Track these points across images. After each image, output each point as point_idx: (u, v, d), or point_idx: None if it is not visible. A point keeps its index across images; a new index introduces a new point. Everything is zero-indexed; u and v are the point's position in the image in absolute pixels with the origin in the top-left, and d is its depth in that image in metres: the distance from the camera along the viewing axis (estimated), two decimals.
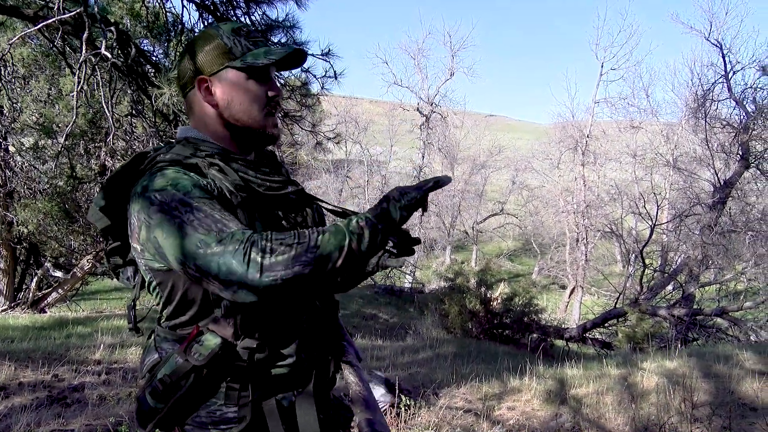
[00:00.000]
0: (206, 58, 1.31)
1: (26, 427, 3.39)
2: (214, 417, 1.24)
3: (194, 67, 1.33)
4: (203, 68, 1.32)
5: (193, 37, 1.38)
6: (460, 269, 13.28)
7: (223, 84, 1.31)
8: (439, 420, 4.20)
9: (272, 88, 1.35)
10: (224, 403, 1.24)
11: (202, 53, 1.32)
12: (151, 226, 1.16)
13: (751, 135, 12.77)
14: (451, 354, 8.15)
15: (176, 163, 1.24)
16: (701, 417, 4.28)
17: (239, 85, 1.31)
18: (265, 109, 1.34)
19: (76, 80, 3.98)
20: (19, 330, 7.51)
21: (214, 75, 1.31)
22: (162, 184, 1.18)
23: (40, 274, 10.82)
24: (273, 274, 1.07)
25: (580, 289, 21.96)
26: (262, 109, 1.34)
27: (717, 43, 14.33)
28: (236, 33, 1.32)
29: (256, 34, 1.36)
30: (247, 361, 1.24)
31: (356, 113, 30.51)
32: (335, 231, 1.14)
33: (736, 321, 11.27)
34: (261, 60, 1.30)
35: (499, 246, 33.22)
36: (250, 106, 1.32)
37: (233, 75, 1.31)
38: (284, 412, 1.29)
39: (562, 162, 26.91)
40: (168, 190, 1.16)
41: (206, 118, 1.35)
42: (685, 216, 14.89)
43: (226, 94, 1.31)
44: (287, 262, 1.07)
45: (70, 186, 9.16)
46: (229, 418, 1.24)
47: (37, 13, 3.94)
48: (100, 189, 1.31)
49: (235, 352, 1.22)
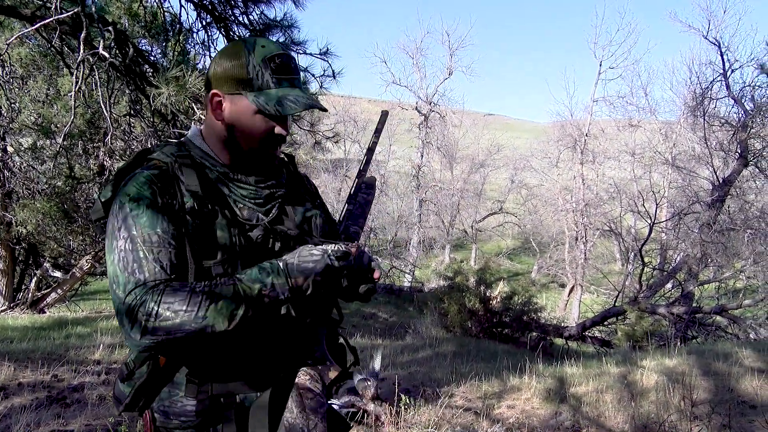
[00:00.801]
0: (225, 76, 1.32)
1: (26, 428, 3.38)
2: (176, 408, 1.30)
3: (214, 80, 1.34)
4: (219, 84, 1.33)
5: (228, 46, 1.38)
6: (460, 268, 13.27)
7: (232, 105, 1.32)
8: (439, 418, 4.20)
9: (282, 127, 1.35)
10: (185, 395, 1.29)
11: (223, 69, 1.32)
12: (106, 236, 1.26)
13: (749, 133, 12.76)
14: (450, 353, 8.15)
15: (150, 161, 1.33)
16: (701, 415, 4.28)
17: (246, 115, 1.32)
18: (265, 144, 1.35)
19: (74, 80, 3.97)
20: (19, 330, 7.51)
21: (228, 94, 1.32)
22: (123, 196, 1.25)
23: (39, 274, 10.81)
24: (154, 338, 1.14)
25: (580, 288, 21.97)
26: (262, 143, 1.35)
27: (715, 42, 14.32)
28: (265, 64, 1.30)
29: (288, 66, 1.33)
30: (204, 359, 1.28)
31: (355, 112, 30.48)
32: (232, 297, 1.17)
33: (735, 319, 11.27)
34: (271, 107, 1.29)
35: (498, 245, 33.22)
36: (251, 136, 1.33)
37: (244, 103, 1.31)
38: (243, 412, 1.31)
39: (560, 161, 26.91)
40: (124, 205, 1.24)
41: (213, 127, 1.38)
42: (684, 214, 14.89)
43: (233, 115, 1.33)
44: (170, 329, 1.13)
45: (68, 186, 9.16)
46: (188, 410, 1.29)
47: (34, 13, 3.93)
48: (107, 182, 1.35)
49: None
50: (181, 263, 1.24)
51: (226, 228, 1.29)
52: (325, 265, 1.23)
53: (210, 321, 1.14)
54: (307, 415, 1.30)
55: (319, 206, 1.56)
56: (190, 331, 1.14)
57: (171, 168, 1.30)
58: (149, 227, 1.22)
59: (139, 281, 1.18)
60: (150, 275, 1.18)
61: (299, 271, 1.22)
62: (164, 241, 1.22)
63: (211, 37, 5.06)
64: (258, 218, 1.35)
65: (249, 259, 1.29)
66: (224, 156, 1.38)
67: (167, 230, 1.23)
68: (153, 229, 1.22)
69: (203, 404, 1.28)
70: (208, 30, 5.03)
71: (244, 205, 1.35)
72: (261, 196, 1.37)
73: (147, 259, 1.19)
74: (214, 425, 1.30)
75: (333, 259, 1.24)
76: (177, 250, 1.23)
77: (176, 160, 1.32)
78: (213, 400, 1.29)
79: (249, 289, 1.18)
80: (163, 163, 1.31)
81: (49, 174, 9.36)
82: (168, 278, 1.20)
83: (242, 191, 1.35)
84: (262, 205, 1.37)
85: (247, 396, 1.32)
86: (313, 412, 1.30)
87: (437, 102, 26.92)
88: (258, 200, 1.36)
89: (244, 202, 1.35)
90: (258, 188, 1.37)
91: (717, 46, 14.10)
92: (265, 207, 1.37)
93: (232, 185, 1.35)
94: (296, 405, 1.30)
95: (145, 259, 1.19)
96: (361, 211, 1.58)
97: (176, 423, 1.30)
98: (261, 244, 1.34)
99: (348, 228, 1.53)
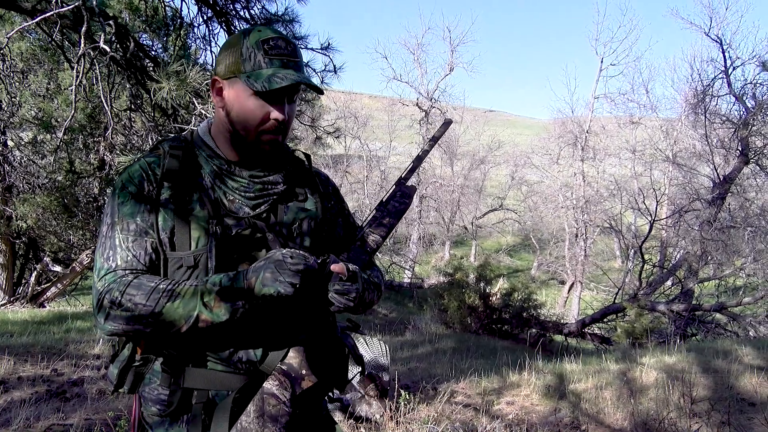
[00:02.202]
0: (224, 63, 1.35)
1: (25, 422, 3.39)
2: (153, 395, 1.32)
3: (215, 67, 1.39)
4: (220, 71, 1.36)
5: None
6: (459, 264, 13.28)
7: (230, 91, 1.35)
8: (438, 415, 4.20)
9: (278, 110, 1.33)
10: (160, 384, 1.31)
11: (223, 56, 1.36)
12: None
13: (750, 131, 12.73)
14: (450, 349, 8.16)
15: (152, 154, 1.39)
16: (700, 412, 4.28)
17: (241, 98, 1.33)
18: (261, 128, 1.34)
19: (75, 74, 3.96)
20: (18, 324, 7.51)
21: (227, 80, 1.35)
22: (117, 183, 1.33)
23: (39, 268, 10.80)
24: (115, 325, 1.21)
25: (579, 285, 21.98)
26: (257, 127, 1.33)
27: (717, 39, 14.28)
28: (258, 45, 1.31)
29: (281, 47, 1.33)
30: (175, 350, 1.30)
31: (355, 108, 30.43)
32: (191, 296, 1.20)
33: (735, 316, 11.28)
34: (258, 85, 1.29)
35: (498, 241, 33.22)
36: (245, 120, 1.33)
37: (240, 86, 1.33)
38: (212, 409, 1.31)
39: (561, 157, 26.90)
40: (114, 193, 1.32)
41: (218, 116, 1.41)
42: (685, 211, 14.89)
43: (230, 101, 1.35)
44: (128, 319, 1.20)
45: (69, 180, 9.15)
46: (162, 399, 1.31)
47: (35, 7, 3.91)
48: None
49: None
50: (156, 254, 1.29)
51: (204, 220, 1.31)
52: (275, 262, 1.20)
53: (167, 316, 1.19)
54: (264, 422, 1.25)
55: (335, 208, 1.55)
56: (145, 324, 1.20)
57: (162, 157, 1.35)
58: (129, 216, 1.28)
59: (110, 268, 1.25)
60: (121, 263, 1.26)
61: (253, 271, 1.21)
62: (141, 231, 1.28)
63: (212, 31, 5.05)
64: (243, 212, 1.36)
65: (226, 252, 1.30)
66: (229, 151, 1.39)
67: (146, 219, 1.28)
68: (132, 217, 1.28)
69: (174, 395, 1.30)
70: (209, 25, 5.02)
71: (234, 198, 1.36)
72: (251, 190, 1.37)
73: (121, 246, 1.27)
74: (183, 417, 1.32)
75: (286, 256, 1.21)
76: (154, 240, 1.28)
77: (169, 150, 1.36)
78: (185, 393, 1.31)
79: (208, 293, 1.20)
80: (161, 152, 1.37)
81: (49, 168, 9.34)
82: (141, 268, 1.26)
83: (233, 183, 1.36)
84: (251, 199, 1.37)
85: (218, 393, 1.32)
86: (271, 419, 1.25)
87: (438, 98, 26.90)
88: (248, 194, 1.37)
89: (234, 195, 1.36)
90: (251, 182, 1.38)
91: (719, 44, 14.07)
92: (254, 201, 1.37)
93: (226, 178, 1.37)
94: (255, 410, 1.26)
95: (120, 246, 1.27)
96: (389, 220, 1.51)
97: (153, 410, 1.32)
98: (240, 238, 1.33)
99: (366, 236, 1.48)
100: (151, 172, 1.33)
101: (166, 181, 1.32)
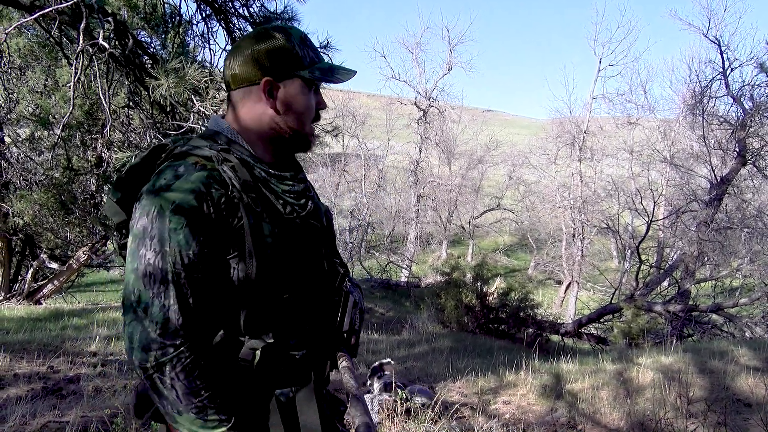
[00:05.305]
0: (277, 62, 1.30)
1: (21, 419, 3.38)
2: None
3: (261, 68, 1.30)
4: (272, 71, 1.30)
5: (256, 33, 1.35)
6: (457, 264, 13.28)
7: (287, 90, 1.32)
8: (435, 414, 4.20)
9: (321, 99, 1.40)
10: None
11: (272, 56, 1.30)
12: (132, 235, 1.20)
13: (748, 132, 12.75)
14: (447, 348, 8.17)
15: (185, 155, 1.24)
16: (696, 412, 4.30)
17: (301, 94, 1.34)
18: (312, 120, 1.38)
19: (73, 71, 3.95)
20: (15, 321, 7.49)
21: (282, 80, 1.32)
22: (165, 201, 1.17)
23: (36, 265, 10.78)
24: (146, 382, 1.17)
25: (576, 285, 22.01)
26: (311, 120, 1.38)
27: (715, 40, 14.28)
28: (304, 42, 1.34)
29: (313, 43, 1.39)
30: (251, 360, 1.26)
31: (354, 107, 30.40)
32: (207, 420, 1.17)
33: (731, 317, 11.31)
34: (333, 78, 1.35)
35: (495, 241, 33.24)
36: (303, 115, 1.35)
37: (298, 84, 1.33)
38: (282, 408, 1.29)
39: (559, 158, 26.93)
40: (164, 214, 1.16)
41: (259, 117, 1.33)
42: (682, 212, 14.92)
43: (287, 99, 1.33)
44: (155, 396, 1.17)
45: (66, 177, 9.13)
46: None
47: (33, 3, 3.90)
48: (116, 181, 1.29)
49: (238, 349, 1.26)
50: (203, 296, 1.19)
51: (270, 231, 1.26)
52: None
53: (179, 421, 1.16)
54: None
55: None
56: (163, 410, 1.17)
57: (219, 167, 1.23)
58: (185, 246, 1.16)
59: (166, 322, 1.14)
60: (174, 318, 1.15)
61: None
62: (194, 268, 1.17)
63: (210, 29, 5.05)
64: (296, 212, 1.33)
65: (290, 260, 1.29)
66: (264, 153, 1.35)
67: (201, 254, 1.18)
68: (188, 250, 1.16)
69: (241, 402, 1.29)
70: (207, 22, 5.02)
71: (285, 201, 1.31)
72: (296, 190, 1.34)
73: (174, 290, 1.15)
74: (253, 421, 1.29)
75: None
76: (204, 276, 1.18)
77: (221, 157, 1.24)
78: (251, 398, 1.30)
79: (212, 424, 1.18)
80: (208, 162, 1.23)
81: (46, 165, 9.32)
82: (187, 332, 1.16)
83: (283, 186, 1.32)
84: (296, 200, 1.34)
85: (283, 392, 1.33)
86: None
87: (436, 97, 26.89)
88: (292, 195, 1.34)
89: (285, 198, 1.31)
90: (294, 182, 1.35)
91: (717, 45, 14.07)
92: (299, 201, 1.34)
93: (274, 181, 1.31)
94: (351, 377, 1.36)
95: (173, 289, 1.15)
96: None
97: None
98: (300, 239, 1.33)
99: None
100: (212, 191, 1.19)
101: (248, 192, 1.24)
